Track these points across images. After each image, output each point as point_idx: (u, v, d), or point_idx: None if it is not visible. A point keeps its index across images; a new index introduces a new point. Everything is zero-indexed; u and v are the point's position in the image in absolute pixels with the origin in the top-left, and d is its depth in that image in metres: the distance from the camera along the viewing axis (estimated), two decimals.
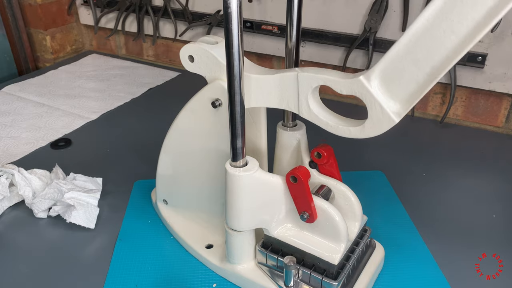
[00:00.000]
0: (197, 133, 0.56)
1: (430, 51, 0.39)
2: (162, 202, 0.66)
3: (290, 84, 0.46)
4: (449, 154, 0.84)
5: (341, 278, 0.50)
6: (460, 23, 0.37)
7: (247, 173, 0.48)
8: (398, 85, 0.41)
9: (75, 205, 0.64)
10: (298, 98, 0.46)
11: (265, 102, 0.49)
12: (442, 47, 0.38)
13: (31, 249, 0.62)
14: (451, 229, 0.66)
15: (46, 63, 1.31)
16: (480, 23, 0.36)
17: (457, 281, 0.57)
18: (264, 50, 1.08)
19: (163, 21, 1.18)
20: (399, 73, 0.41)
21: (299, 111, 0.47)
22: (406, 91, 0.41)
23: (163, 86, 1.13)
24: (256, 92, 0.49)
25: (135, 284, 0.56)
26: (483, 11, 0.35)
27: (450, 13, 0.37)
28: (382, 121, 0.43)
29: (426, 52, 0.39)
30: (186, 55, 0.52)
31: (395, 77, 0.41)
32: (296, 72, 0.45)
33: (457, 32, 0.37)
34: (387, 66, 0.41)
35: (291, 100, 0.47)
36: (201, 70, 0.52)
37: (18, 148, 0.85)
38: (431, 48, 0.39)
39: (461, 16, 0.36)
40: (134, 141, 0.88)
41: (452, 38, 0.37)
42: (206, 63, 0.51)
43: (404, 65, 0.40)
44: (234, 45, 0.43)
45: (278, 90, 0.48)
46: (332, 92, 1.06)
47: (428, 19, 0.38)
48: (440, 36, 0.38)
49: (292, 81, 0.46)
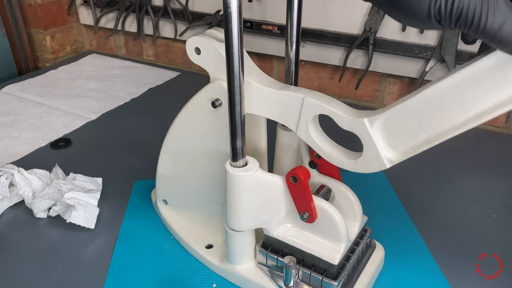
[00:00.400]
0: (197, 133, 0.56)
1: (437, 118, 0.39)
2: (162, 202, 0.66)
3: (294, 104, 0.47)
4: (449, 154, 0.84)
5: (341, 278, 0.50)
6: (471, 104, 0.37)
7: (247, 173, 0.48)
8: (398, 137, 0.42)
9: (75, 205, 0.64)
10: (299, 119, 0.47)
11: (265, 112, 0.50)
12: (449, 119, 0.39)
13: (31, 249, 0.62)
14: (451, 229, 0.66)
15: (46, 63, 1.31)
16: (490, 109, 0.37)
17: (457, 281, 0.57)
18: (264, 50, 1.08)
19: (163, 21, 1.18)
20: (402, 127, 0.41)
21: (296, 131, 0.48)
22: (404, 144, 0.42)
23: (163, 86, 1.13)
24: (258, 101, 0.49)
25: (135, 284, 0.56)
26: (496, 100, 0.36)
27: (464, 92, 0.37)
28: (375, 163, 0.44)
29: (432, 118, 0.40)
30: (193, 46, 0.51)
31: (397, 130, 0.42)
32: (303, 96, 0.46)
33: (467, 111, 0.38)
34: (393, 117, 0.42)
35: (290, 119, 0.48)
36: (205, 64, 0.51)
37: (18, 148, 0.85)
38: (439, 116, 0.39)
39: (474, 98, 0.37)
40: (134, 141, 0.88)
41: (461, 114, 0.38)
42: (212, 59, 0.50)
43: (409, 121, 0.41)
44: (234, 45, 0.43)
45: (280, 106, 0.48)
46: (333, 92, 1.06)
47: (442, 90, 0.38)
48: (450, 108, 0.38)
49: (296, 103, 0.46)
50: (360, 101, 1.04)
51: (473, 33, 0.31)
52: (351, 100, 1.05)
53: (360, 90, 1.03)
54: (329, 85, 1.06)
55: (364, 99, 1.04)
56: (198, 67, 1.23)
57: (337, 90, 1.06)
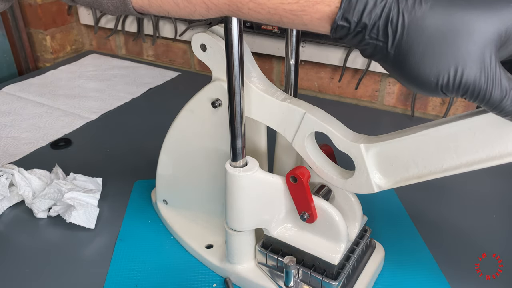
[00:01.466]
0: (197, 133, 0.56)
1: (430, 158, 0.41)
2: (162, 202, 0.66)
3: (294, 118, 0.47)
4: None
5: (341, 278, 0.50)
6: (464, 152, 0.40)
7: (247, 173, 0.48)
8: (390, 166, 0.43)
9: (75, 205, 0.64)
10: (296, 132, 0.48)
11: (264, 119, 0.50)
12: (441, 161, 0.41)
13: (31, 249, 0.62)
14: (451, 229, 0.66)
15: (46, 63, 1.31)
16: (483, 159, 0.39)
17: (457, 281, 0.57)
18: (264, 50, 1.07)
19: (163, 21, 1.18)
20: (396, 159, 0.43)
21: (292, 142, 0.48)
22: (394, 175, 0.44)
23: (163, 86, 1.13)
24: (259, 108, 0.49)
25: (135, 284, 0.56)
26: (488, 153, 0.38)
27: (459, 141, 0.39)
28: (364, 186, 0.45)
29: (426, 157, 0.41)
30: (199, 42, 0.50)
31: (391, 160, 0.43)
32: (304, 112, 0.46)
33: (459, 157, 0.40)
34: (389, 149, 0.43)
35: (288, 130, 0.48)
36: (209, 62, 0.51)
37: (18, 148, 0.85)
38: (432, 156, 0.41)
39: (468, 148, 0.39)
40: (134, 141, 0.88)
41: (453, 159, 0.40)
42: (218, 58, 0.50)
43: (403, 156, 0.42)
44: (234, 45, 0.43)
45: (280, 116, 0.48)
46: (333, 92, 1.06)
47: (439, 135, 0.40)
48: (443, 152, 0.40)
49: (297, 116, 0.47)
50: (360, 101, 1.04)
51: (478, 103, 0.33)
52: (351, 100, 1.05)
53: (360, 90, 1.03)
54: (329, 85, 1.06)
55: (364, 99, 1.04)
56: (198, 67, 1.23)
57: (337, 90, 1.06)
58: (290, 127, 0.48)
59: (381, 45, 0.34)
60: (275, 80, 1.12)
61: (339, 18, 0.34)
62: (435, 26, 0.32)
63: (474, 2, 0.32)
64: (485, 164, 0.39)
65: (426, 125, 0.41)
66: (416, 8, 0.32)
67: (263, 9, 0.35)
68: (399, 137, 0.42)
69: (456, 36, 0.31)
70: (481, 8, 0.31)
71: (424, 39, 0.32)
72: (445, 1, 0.32)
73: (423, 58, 0.32)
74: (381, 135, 0.44)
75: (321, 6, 0.34)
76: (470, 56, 0.31)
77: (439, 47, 0.32)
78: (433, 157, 0.41)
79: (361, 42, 0.35)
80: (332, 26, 0.35)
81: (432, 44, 0.32)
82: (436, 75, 0.32)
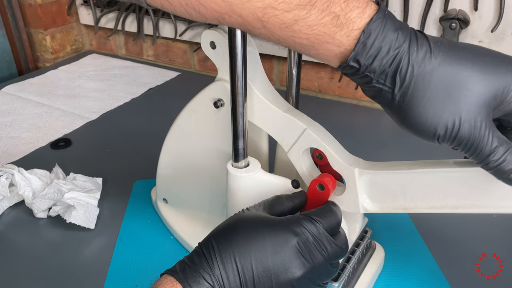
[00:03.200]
0: (199, 133, 0.56)
1: (419, 194, 0.43)
2: (162, 201, 0.66)
3: (294, 131, 0.48)
4: (449, 153, 0.84)
5: (342, 280, 0.50)
6: (452, 196, 0.42)
7: (248, 174, 0.48)
8: (379, 193, 0.45)
9: (75, 205, 0.64)
10: (294, 144, 0.48)
11: (265, 126, 0.50)
12: (429, 198, 0.43)
13: (31, 249, 0.62)
14: (451, 229, 0.66)
15: (46, 63, 1.31)
16: (468, 205, 0.41)
17: (457, 281, 0.57)
18: (264, 50, 1.07)
19: (163, 21, 1.18)
20: (386, 188, 0.44)
21: (287, 152, 0.49)
22: (382, 201, 0.45)
23: (163, 86, 1.13)
24: (260, 115, 0.50)
25: (135, 284, 0.56)
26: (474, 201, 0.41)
27: (449, 185, 0.41)
28: (351, 205, 0.46)
29: (415, 192, 0.43)
30: (208, 39, 0.50)
31: (381, 189, 0.45)
32: (305, 127, 0.47)
33: (446, 199, 0.42)
34: (381, 178, 0.44)
35: (286, 140, 0.49)
36: (217, 60, 0.51)
37: (18, 148, 0.85)
38: (421, 192, 0.43)
39: (456, 193, 0.41)
40: (134, 141, 0.88)
41: (440, 199, 0.42)
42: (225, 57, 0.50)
43: (394, 187, 0.44)
44: (237, 45, 0.43)
45: (280, 126, 0.49)
46: (333, 92, 1.06)
47: (433, 176, 0.42)
48: (432, 192, 0.42)
49: (297, 130, 0.47)
50: (360, 101, 1.04)
51: (467, 155, 0.36)
52: (351, 100, 1.05)
53: (360, 90, 1.03)
54: (329, 85, 1.06)
55: (364, 99, 1.04)
56: (198, 67, 1.23)
57: (337, 90, 1.06)
58: (289, 139, 0.48)
59: (387, 90, 0.35)
60: (275, 80, 1.12)
61: (350, 59, 0.35)
62: (441, 82, 0.34)
63: (479, 63, 0.34)
64: (469, 210, 0.41)
65: (421, 163, 0.43)
66: (426, 62, 0.34)
67: (273, 37, 0.36)
68: (394, 169, 0.44)
69: (459, 94, 0.34)
70: (484, 70, 0.34)
71: (429, 92, 0.34)
72: (453, 59, 0.34)
73: (426, 109, 0.34)
74: (377, 162, 0.46)
75: (330, 46, 0.35)
76: (468, 113, 0.34)
77: (442, 101, 0.34)
78: (421, 194, 0.43)
79: (367, 83, 0.36)
80: (342, 64, 0.36)
81: (436, 97, 0.34)
82: (435, 126, 0.35)
